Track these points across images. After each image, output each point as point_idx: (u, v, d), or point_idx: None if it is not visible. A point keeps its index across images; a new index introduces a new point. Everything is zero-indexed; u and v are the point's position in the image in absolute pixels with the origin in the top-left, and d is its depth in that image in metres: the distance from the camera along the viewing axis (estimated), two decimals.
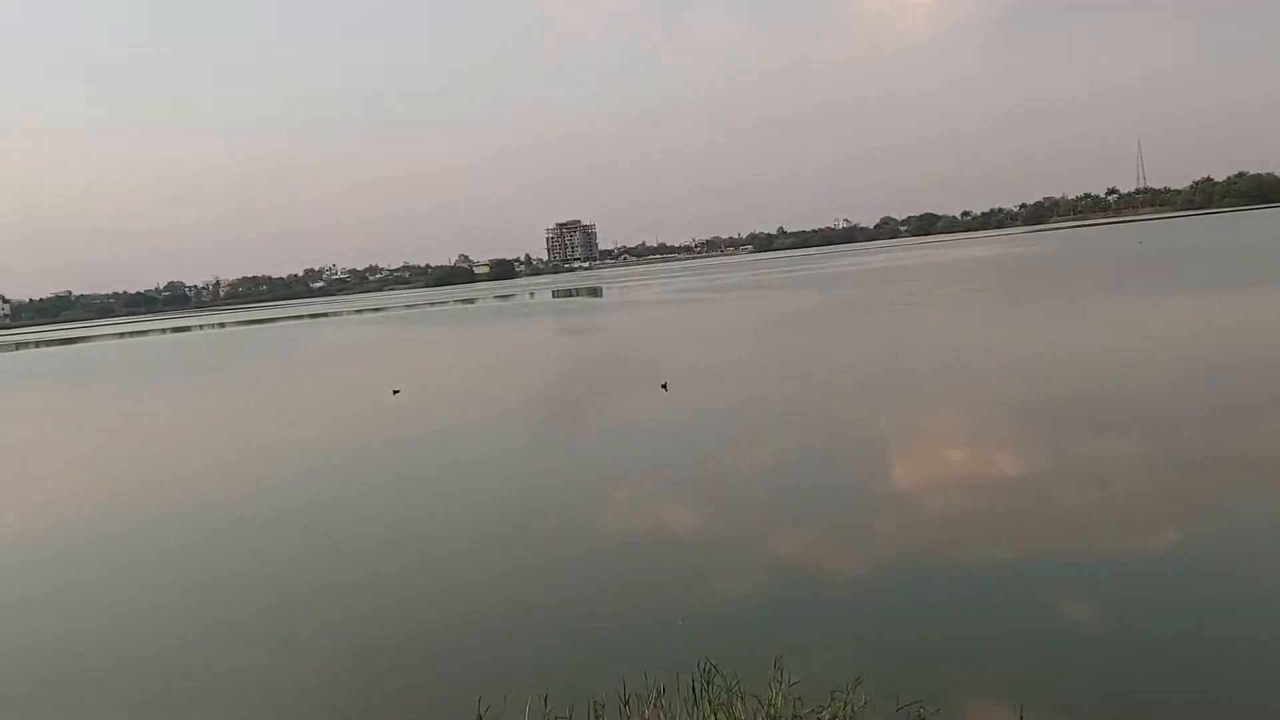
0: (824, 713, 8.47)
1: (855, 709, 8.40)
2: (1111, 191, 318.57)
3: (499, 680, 9.70)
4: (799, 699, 8.66)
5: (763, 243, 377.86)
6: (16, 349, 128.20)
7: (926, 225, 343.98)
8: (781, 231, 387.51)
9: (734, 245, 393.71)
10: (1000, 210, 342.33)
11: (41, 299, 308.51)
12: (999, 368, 28.49)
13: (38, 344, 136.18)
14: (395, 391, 34.12)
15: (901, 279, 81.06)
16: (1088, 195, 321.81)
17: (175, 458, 27.19)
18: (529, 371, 41.28)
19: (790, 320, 51.63)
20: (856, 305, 56.22)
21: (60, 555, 17.47)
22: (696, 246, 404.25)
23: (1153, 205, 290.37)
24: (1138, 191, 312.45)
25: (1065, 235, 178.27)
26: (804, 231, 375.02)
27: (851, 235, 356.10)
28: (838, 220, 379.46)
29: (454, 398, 34.27)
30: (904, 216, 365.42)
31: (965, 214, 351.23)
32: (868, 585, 12.09)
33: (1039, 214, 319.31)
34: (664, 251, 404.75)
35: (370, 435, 27.31)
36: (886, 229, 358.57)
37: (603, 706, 8.86)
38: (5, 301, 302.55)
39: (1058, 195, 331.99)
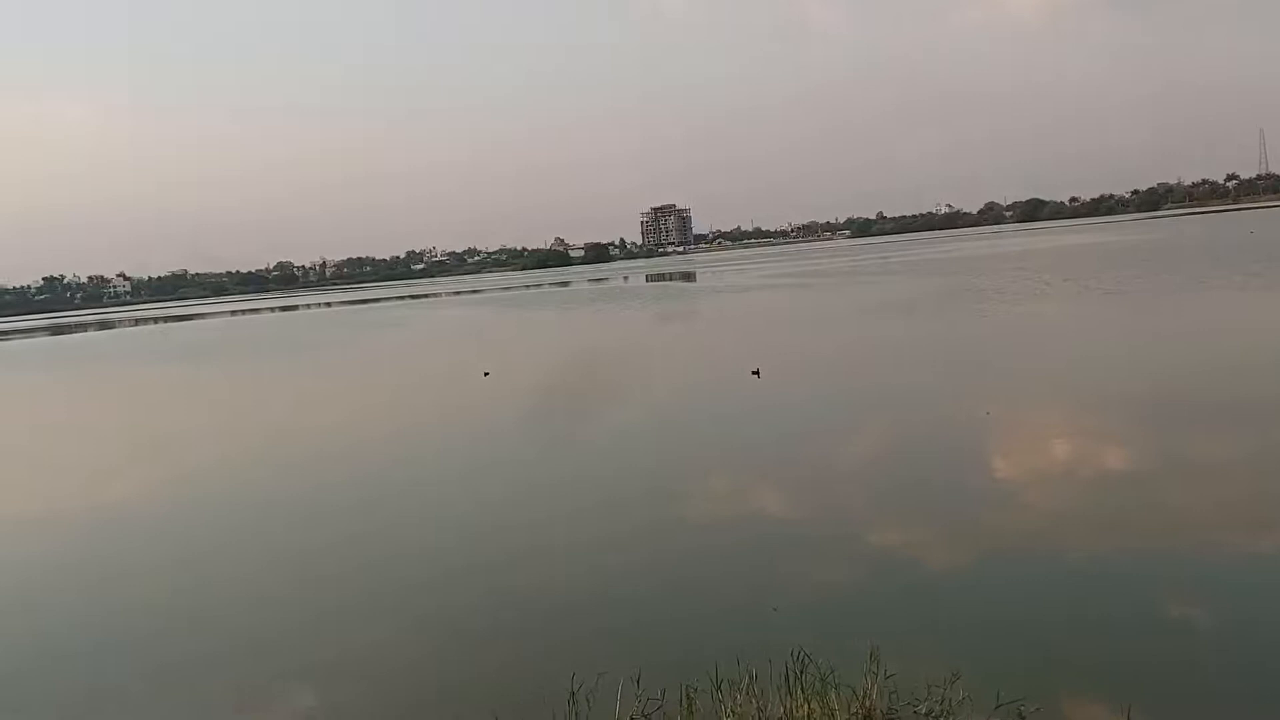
0: (920, 707, 8.35)
1: (953, 704, 8.26)
2: (1231, 178, 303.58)
3: (592, 660, 9.80)
4: (894, 692, 8.55)
5: (861, 228, 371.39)
6: (136, 324, 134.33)
7: (1032, 211, 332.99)
8: (881, 216, 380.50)
9: (831, 230, 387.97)
10: (1111, 196, 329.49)
11: (160, 277, 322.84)
12: (1109, 359, 27.49)
13: (155, 320, 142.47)
14: (485, 373, 34.69)
15: (1005, 266, 78.79)
16: (1205, 181, 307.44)
17: (285, 435, 28.15)
18: (618, 355, 41.44)
19: (888, 307, 50.68)
20: (958, 293, 54.82)
21: (181, 526, 18.25)
22: (793, 231, 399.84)
23: (1276, 192, 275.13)
24: (1259, 178, 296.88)
25: (1177, 223, 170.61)
26: (904, 217, 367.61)
27: (954, 220, 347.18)
28: (940, 205, 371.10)
29: (543, 380, 34.62)
30: (1009, 201, 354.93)
31: (1073, 199, 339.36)
32: (967, 579, 11.83)
33: (1152, 200, 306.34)
34: (759, 236, 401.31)
35: (461, 416, 27.82)
36: (990, 214, 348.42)
37: (695, 690, 8.90)
38: (126, 279, 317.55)
39: (1172, 181, 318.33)
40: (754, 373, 28.71)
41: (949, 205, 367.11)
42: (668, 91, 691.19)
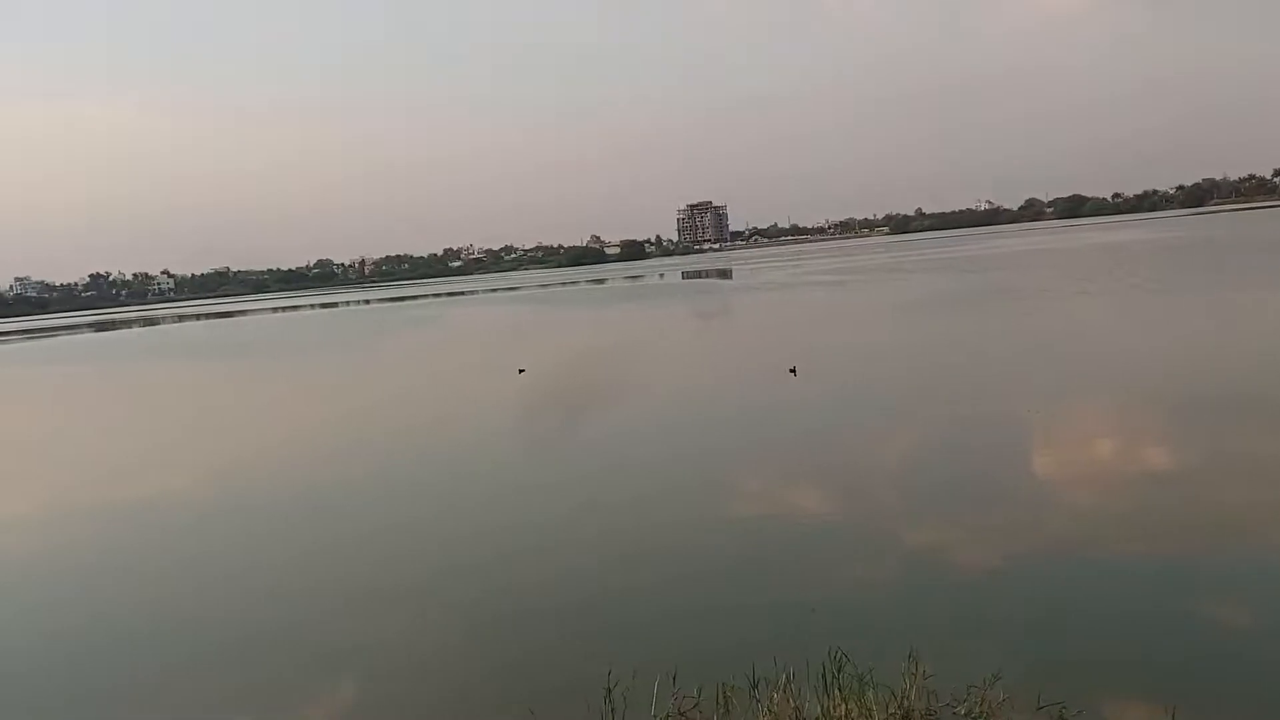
0: (959, 708, 8.28)
1: (993, 706, 8.18)
2: (1279, 173, 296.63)
3: (627, 658, 9.83)
4: (933, 693, 8.49)
5: (899, 224, 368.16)
6: (180, 320, 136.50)
7: (1074, 207, 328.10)
8: (919, 213, 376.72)
9: (869, 227, 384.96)
10: (1155, 192, 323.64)
11: (203, 274, 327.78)
12: (1155, 359, 27.08)
13: (198, 316, 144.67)
14: (520, 370, 34.82)
15: (1046, 263, 77.84)
16: (1252, 176, 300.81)
17: (325, 429, 28.45)
18: (653, 353, 41.43)
19: (927, 306, 50.24)
20: (999, 291, 54.20)
21: (226, 516, 18.52)
22: (830, 228, 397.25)
23: None
24: None
25: (1224, 219, 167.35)
26: (943, 213, 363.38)
27: (994, 217, 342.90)
28: (979, 201, 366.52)
29: (578, 379, 34.69)
30: (1050, 198, 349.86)
31: (1116, 195, 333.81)
32: (1008, 580, 11.69)
33: (1197, 196, 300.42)
34: (796, 233, 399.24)
35: (496, 413, 27.95)
36: (1031, 211, 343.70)
37: (732, 689, 8.89)
38: (170, 276, 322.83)
39: (1218, 176, 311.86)
40: (791, 370, 28.58)
41: (989, 202, 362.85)
42: (705, 89, 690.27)
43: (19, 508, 21.14)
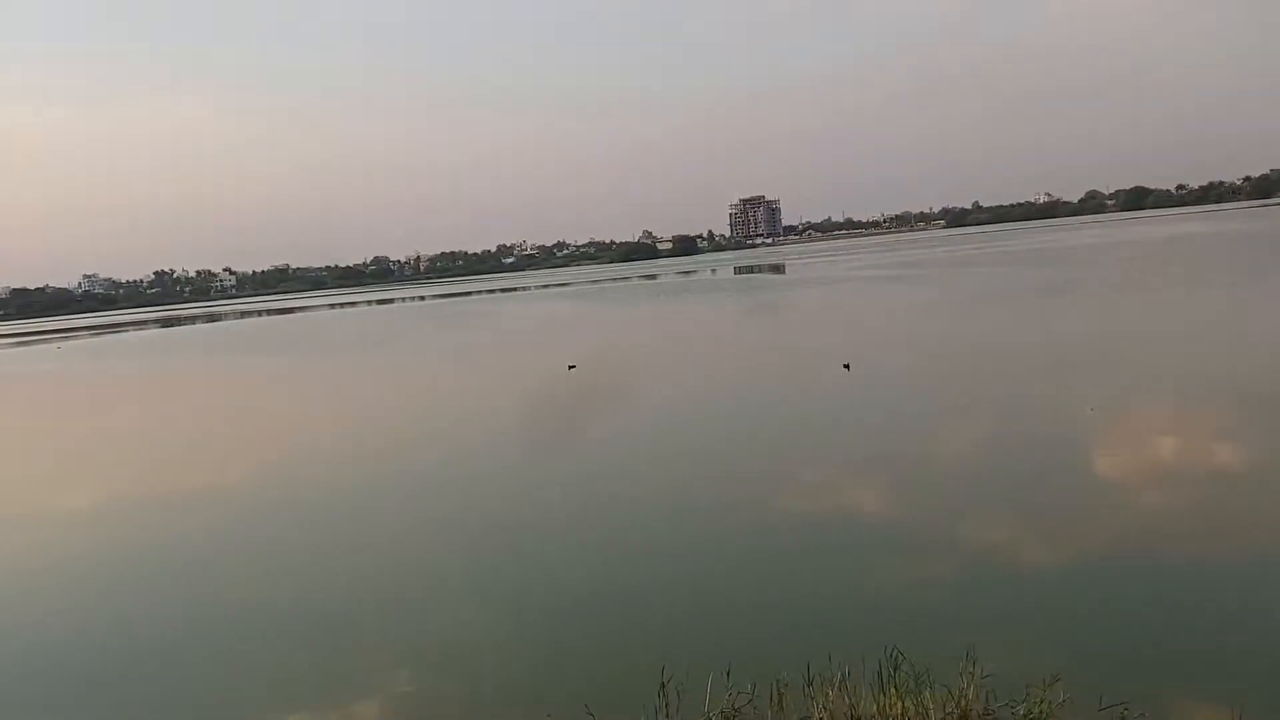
0: (1019, 708, 8.17)
1: (1053, 706, 8.06)
2: None
3: (682, 653, 9.86)
4: (991, 692, 8.39)
5: (956, 218, 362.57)
6: (242, 317, 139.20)
7: (1137, 199, 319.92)
8: (977, 206, 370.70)
9: (925, 220, 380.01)
10: (1220, 183, 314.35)
11: (263, 271, 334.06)
12: (1219, 356, 26.38)
13: (259, 313, 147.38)
14: (571, 366, 34.94)
15: (1108, 256, 76.20)
16: None
17: (378, 426, 28.83)
18: (704, 350, 41.35)
19: (984, 299, 49.49)
20: (1058, 285, 53.18)
21: (285, 509, 18.90)
22: (885, 222, 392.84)
23: None
24: None
25: None
26: (1001, 206, 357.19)
27: (1053, 210, 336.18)
28: (1038, 194, 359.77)
29: (628, 375, 34.71)
30: (1111, 190, 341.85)
31: (1180, 187, 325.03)
32: (1068, 579, 11.49)
33: (1265, 187, 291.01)
34: (850, 227, 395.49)
35: (545, 409, 28.10)
36: (1092, 203, 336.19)
37: (786, 686, 8.86)
38: (232, 274, 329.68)
39: None
40: (844, 366, 28.36)
41: (1048, 194, 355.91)
42: (757, 82, 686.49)
43: (93, 499, 21.73)
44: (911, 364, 30.15)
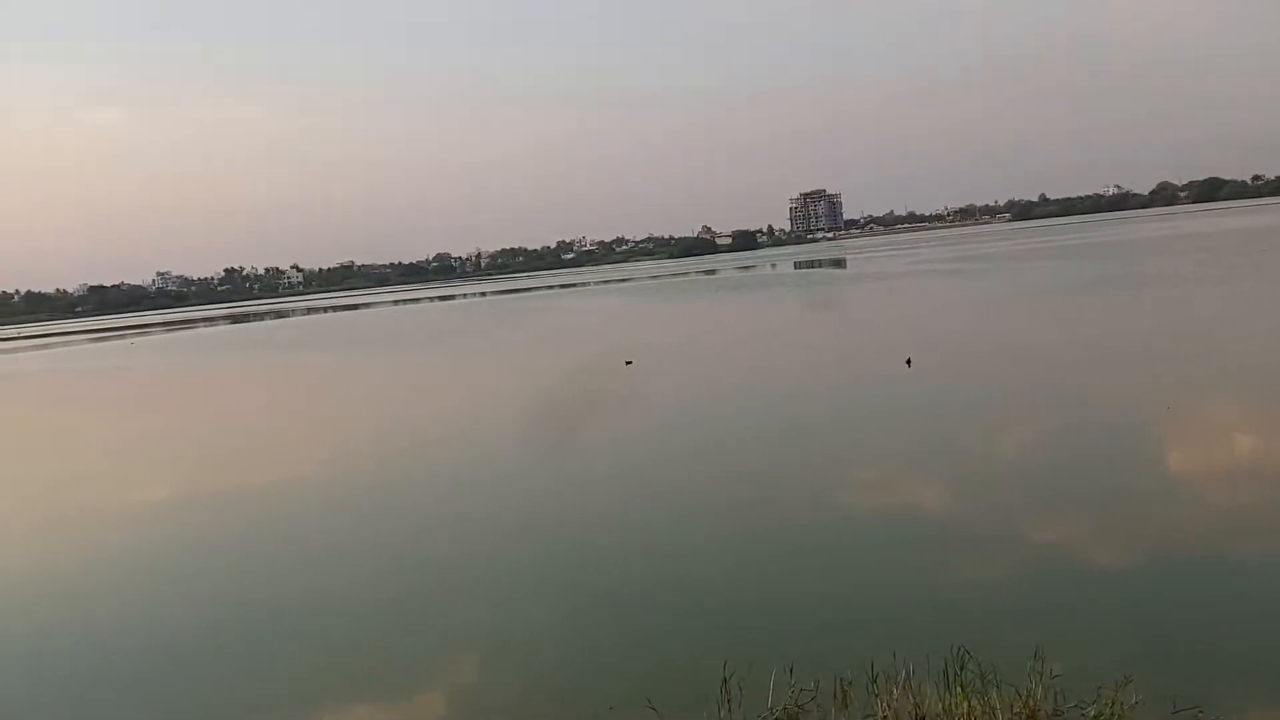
0: (1088, 710, 8.02)
1: (1124, 708, 7.90)
2: None
3: (744, 649, 9.85)
4: (1060, 693, 8.25)
5: (1022, 210, 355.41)
6: (308, 313, 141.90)
7: (1210, 191, 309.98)
8: (1043, 198, 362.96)
9: (990, 213, 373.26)
10: None
11: (329, 269, 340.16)
12: None
13: (325, 309, 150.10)
14: (628, 362, 35.03)
15: (1179, 249, 74.13)
16: None
17: (441, 420, 29.22)
18: (763, 345, 41.13)
19: (1052, 294, 48.49)
20: (1130, 279, 51.86)
21: (360, 500, 19.26)
22: (949, 215, 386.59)
23: None
24: None
25: None
26: (1068, 199, 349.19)
27: (1122, 202, 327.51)
28: (1107, 186, 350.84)
29: (686, 371, 34.68)
30: (1184, 181, 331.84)
31: (1256, 178, 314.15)
32: (1140, 579, 11.24)
33: None
34: (913, 221, 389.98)
35: (602, 406, 28.19)
36: (1163, 195, 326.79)
37: (849, 683, 8.81)
38: (299, 271, 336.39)
39: None
40: (906, 362, 28.03)
41: (1117, 186, 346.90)
42: (817, 75, 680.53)
43: (161, 492, 22.36)
44: (975, 360, 29.69)
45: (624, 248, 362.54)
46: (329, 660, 11.18)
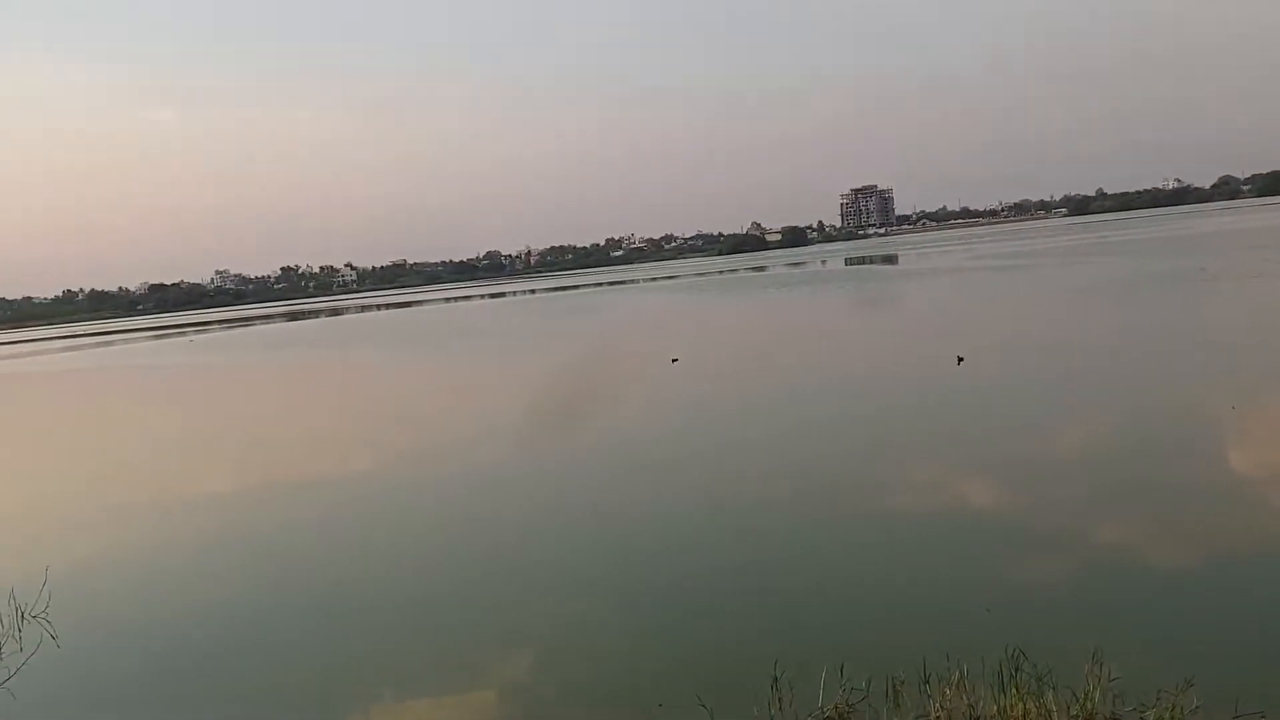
0: (1147, 713, 7.89)
1: (1184, 712, 7.75)
2: None
3: (795, 647, 9.83)
4: (1118, 696, 8.12)
5: (1078, 205, 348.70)
6: (362, 310, 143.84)
7: (1275, 184, 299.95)
8: (1100, 193, 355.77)
9: (1045, 209, 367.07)
10: None
11: (381, 267, 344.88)
12: None
13: (378, 306, 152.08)
14: (674, 360, 35.04)
15: (1247, 244, 72.21)
16: None
17: (487, 414, 29.46)
18: (811, 343, 40.89)
19: (1108, 290, 47.54)
20: (1193, 275, 50.61)
21: (403, 493, 19.53)
22: (1003, 210, 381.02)
23: None
24: None
25: None
26: (1126, 193, 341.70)
27: (1183, 196, 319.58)
28: (1166, 180, 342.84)
29: (732, 368, 34.59)
30: (1247, 175, 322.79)
31: None
32: (1202, 580, 10.99)
33: None
34: (966, 216, 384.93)
35: (650, 403, 28.24)
36: (1225, 189, 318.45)
37: (902, 683, 8.75)
38: (353, 269, 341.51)
39: None
40: (958, 359, 27.70)
41: (1177, 180, 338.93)
42: (868, 70, 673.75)
43: (222, 484, 22.83)
44: (1029, 357, 29.22)
45: (673, 245, 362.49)
46: (380, 652, 11.34)
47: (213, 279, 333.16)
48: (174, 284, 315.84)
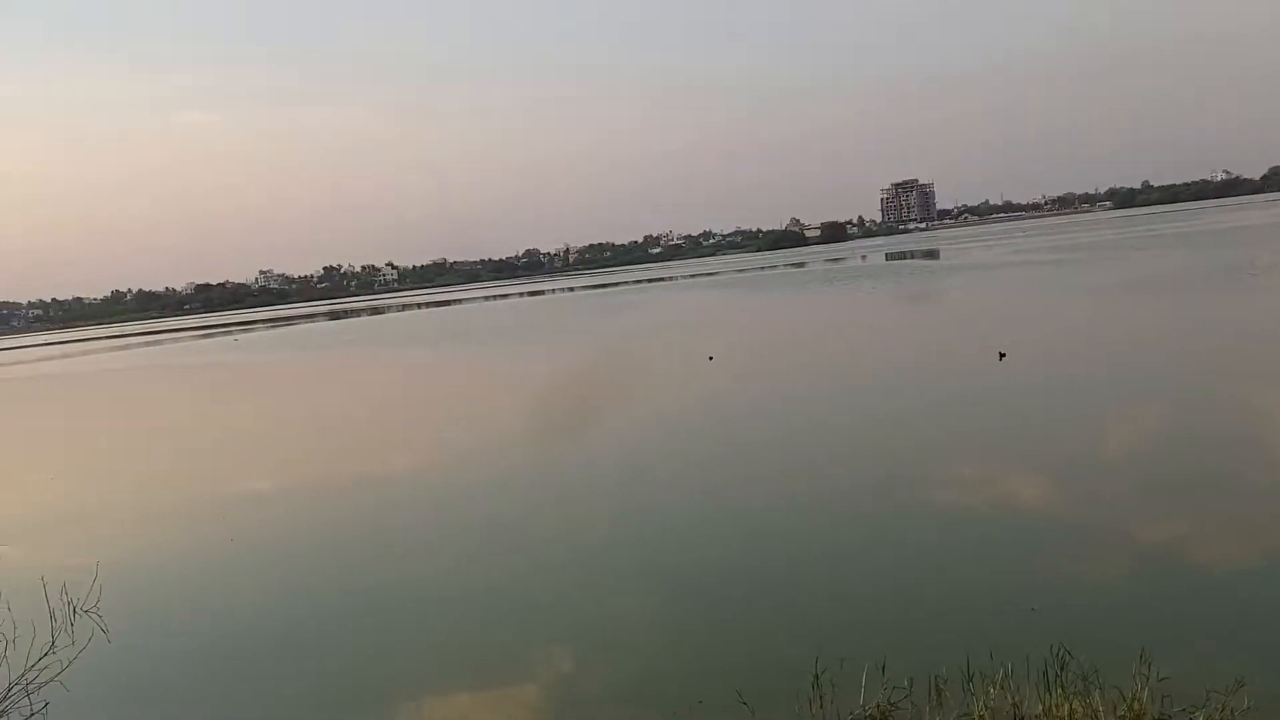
0: (1197, 714, 7.75)
1: (1235, 713, 7.61)
2: None
3: (836, 644, 9.77)
4: (1167, 696, 7.98)
5: (1124, 198, 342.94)
6: (402, 309, 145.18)
7: None
8: (1146, 185, 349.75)
9: (1090, 202, 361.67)
10: None
11: (422, 266, 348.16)
12: None
13: (419, 305, 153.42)
14: (710, 358, 34.97)
15: None
16: None
17: (526, 411, 29.60)
18: (852, 339, 40.59)
19: (1154, 284, 46.69)
20: (1244, 268, 49.58)
21: (445, 489, 19.68)
22: (1046, 204, 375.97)
23: None
24: None
25: None
26: (1173, 185, 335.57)
27: (1232, 188, 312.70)
28: (1215, 171, 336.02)
29: (769, 365, 34.42)
30: None
31: None
32: (1253, 578, 10.75)
33: None
34: (1009, 210, 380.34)
35: (681, 398, 28.21)
36: (1276, 179, 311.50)
37: (945, 681, 8.67)
38: (394, 268, 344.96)
39: None
40: (1000, 355, 27.36)
41: (1226, 171, 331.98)
42: (908, 63, 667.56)
43: (270, 481, 23.16)
44: (1073, 353, 28.78)
45: (711, 241, 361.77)
46: (423, 648, 11.46)
47: (257, 279, 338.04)
48: (219, 284, 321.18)
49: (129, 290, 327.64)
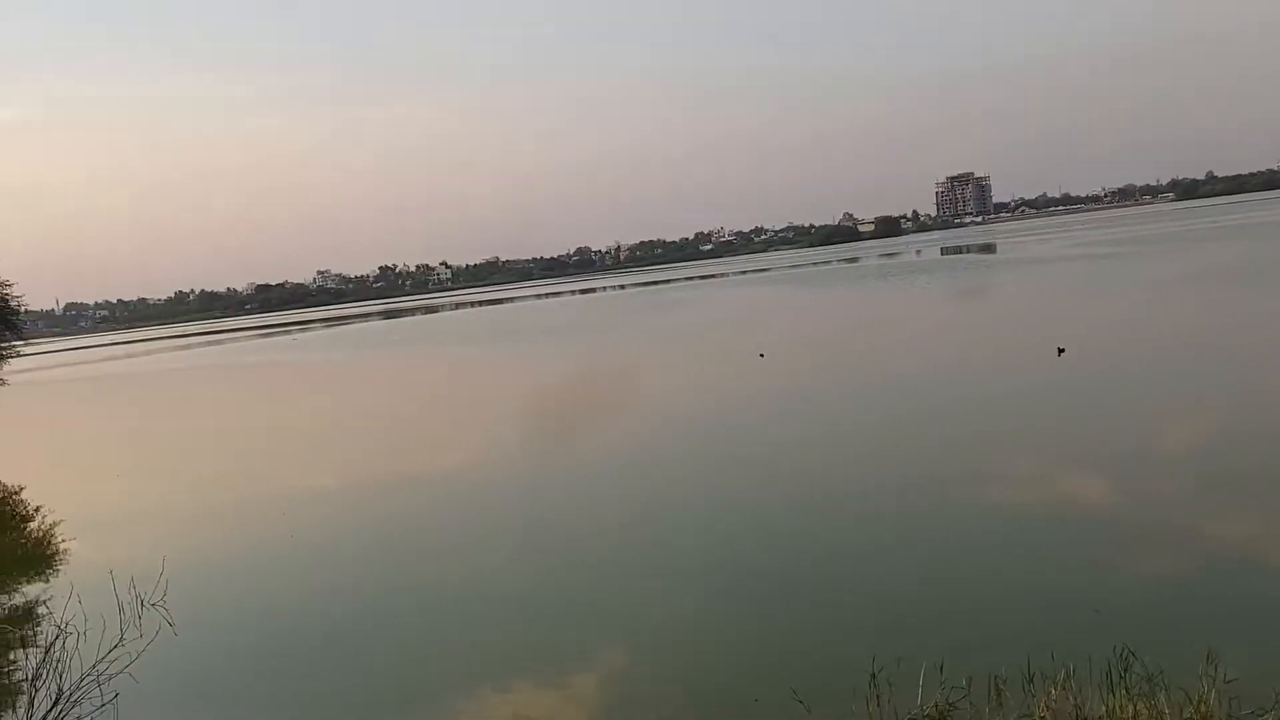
0: (1267, 717, 7.54)
1: None
2: None
3: (893, 643, 9.68)
4: (1235, 698, 7.78)
5: (1186, 189, 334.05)
6: (456, 308, 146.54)
7: None
8: (1210, 176, 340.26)
9: (1151, 193, 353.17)
10: None
11: (475, 264, 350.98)
12: None
13: (472, 304, 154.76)
14: (761, 355, 34.82)
15: None
16: None
17: (577, 410, 29.74)
18: (905, 335, 40.05)
19: (1217, 277, 45.46)
20: None
21: (502, 488, 19.86)
22: (1106, 196, 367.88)
23: None
24: None
25: None
26: (1238, 176, 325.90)
27: None
28: None
29: (820, 362, 34.15)
30: None
31: None
32: None
33: None
34: (1068, 203, 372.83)
35: (733, 395, 28.08)
36: None
37: (1004, 682, 8.54)
38: (448, 267, 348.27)
39: None
40: (1058, 350, 26.86)
41: None
42: (963, 55, 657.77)
43: (327, 481, 23.54)
44: (1133, 348, 28.16)
45: (763, 237, 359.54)
46: (482, 643, 11.57)
47: (314, 279, 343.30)
48: (278, 284, 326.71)
49: (192, 291, 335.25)
